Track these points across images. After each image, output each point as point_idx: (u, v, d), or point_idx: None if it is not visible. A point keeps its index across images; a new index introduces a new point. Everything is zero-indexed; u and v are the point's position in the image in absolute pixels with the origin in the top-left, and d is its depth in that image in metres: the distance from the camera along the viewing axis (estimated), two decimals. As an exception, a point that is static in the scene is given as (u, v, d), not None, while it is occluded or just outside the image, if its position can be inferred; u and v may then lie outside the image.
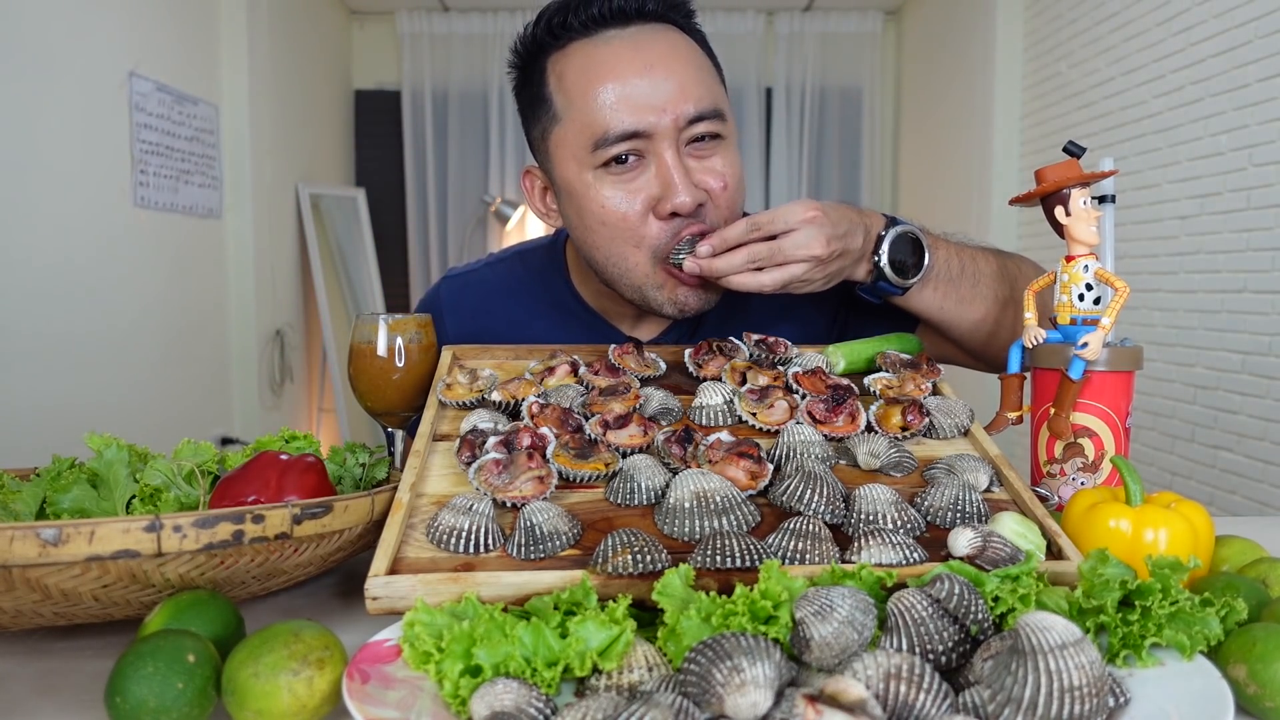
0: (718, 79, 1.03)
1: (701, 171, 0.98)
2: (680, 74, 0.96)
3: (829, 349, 1.00)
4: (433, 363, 0.98)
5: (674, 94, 0.95)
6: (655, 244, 0.99)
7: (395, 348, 0.96)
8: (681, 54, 0.98)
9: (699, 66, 0.99)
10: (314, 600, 0.80)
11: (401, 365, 0.96)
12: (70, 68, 2.43)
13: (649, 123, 0.95)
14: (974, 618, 0.56)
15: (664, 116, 0.95)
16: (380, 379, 0.96)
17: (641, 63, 0.96)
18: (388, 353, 0.96)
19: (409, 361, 0.96)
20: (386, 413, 0.99)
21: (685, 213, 0.97)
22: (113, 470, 0.82)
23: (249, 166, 3.35)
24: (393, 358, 0.96)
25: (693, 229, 0.98)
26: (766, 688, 0.49)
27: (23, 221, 2.26)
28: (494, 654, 0.55)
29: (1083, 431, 0.88)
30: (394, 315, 0.97)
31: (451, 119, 4.54)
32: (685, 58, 0.98)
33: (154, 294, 2.85)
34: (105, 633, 0.71)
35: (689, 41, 1.02)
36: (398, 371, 0.96)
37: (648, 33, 0.98)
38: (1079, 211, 0.88)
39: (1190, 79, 2.47)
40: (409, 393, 0.97)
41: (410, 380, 0.97)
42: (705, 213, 0.99)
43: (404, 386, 0.97)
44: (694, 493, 0.72)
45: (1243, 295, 2.31)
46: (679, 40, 1.00)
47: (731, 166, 1.00)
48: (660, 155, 0.96)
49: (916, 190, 4.41)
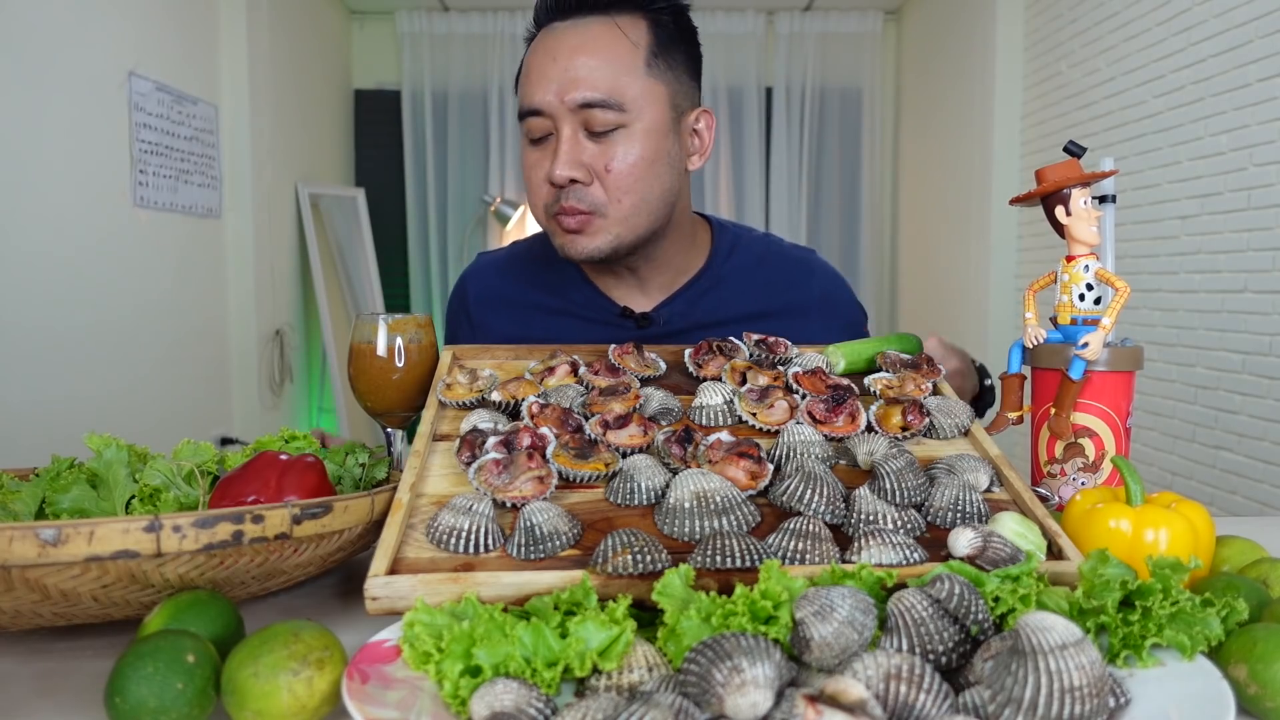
0: (644, 70, 1.09)
1: (593, 154, 1.08)
2: (580, 63, 1.06)
3: (829, 349, 1.00)
4: (432, 363, 0.99)
5: (569, 80, 1.06)
6: (545, 202, 1.12)
7: (395, 348, 0.96)
8: (592, 46, 1.07)
9: (610, 58, 1.07)
10: (314, 600, 0.80)
11: (401, 365, 0.96)
12: (70, 68, 2.43)
13: (545, 101, 1.07)
14: (974, 618, 0.56)
15: (555, 98, 1.07)
16: (380, 379, 0.96)
17: (552, 51, 1.08)
18: (387, 353, 0.96)
19: (409, 361, 0.97)
20: (386, 413, 0.99)
21: (557, 184, 1.08)
22: (112, 470, 0.82)
23: (249, 166, 3.35)
24: (392, 358, 0.96)
25: (567, 204, 1.09)
26: (766, 688, 0.49)
27: (22, 221, 2.26)
28: (494, 654, 0.55)
29: (1083, 431, 0.88)
30: (394, 315, 0.97)
31: (451, 119, 4.54)
32: (595, 49, 1.07)
33: (154, 294, 2.85)
34: (105, 633, 0.71)
35: (618, 35, 1.08)
36: (398, 371, 0.96)
37: (580, 25, 1.09)
38: (1079, 211, 0.88)
39: (1190, 79, 2.47)
40: (409, 392, 0.97)
41: (410, 380, 0.97)
42: (586, 190, 1.09)
43: (404, 386, 0.97)
44: (694, 493, 0.72)
45: (1243, 295, 2.31)
46: (604, 32, 1.08)
47: (623, 153, 1.08)
48: (559, 132, 1.08)
49: (916, 190, 4.41)
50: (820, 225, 4.62)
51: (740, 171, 4.58)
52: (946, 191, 3.99)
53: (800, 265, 1.30)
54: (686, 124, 1.15)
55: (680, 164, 1.15)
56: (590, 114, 1.06)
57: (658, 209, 1.13)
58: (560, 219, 1.11)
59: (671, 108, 1.12)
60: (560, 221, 1.11)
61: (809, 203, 4.59)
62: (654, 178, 1.11)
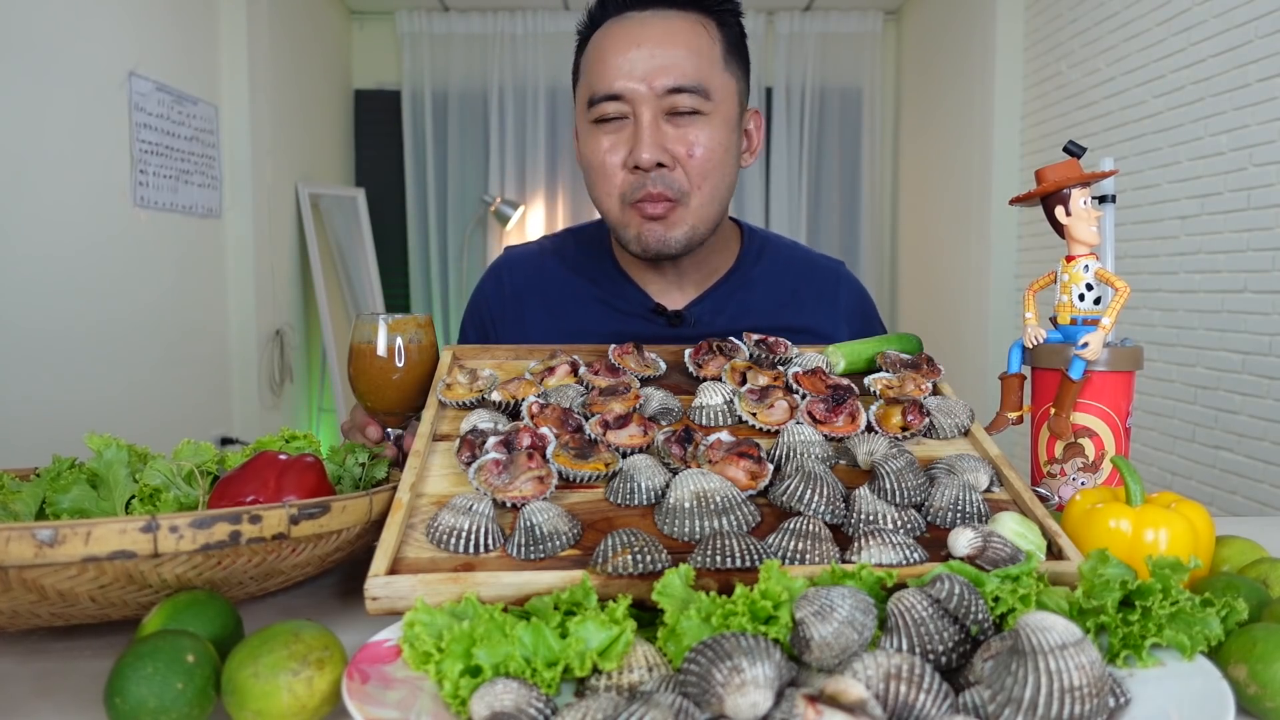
0: (723, 65, 1.13)
1: (675, 136, 1.10)
2: (668, 52, 1.09)
3: (829, 349, 1.00)
4: (432, 363, 0.99)
5: (656, 66, 1.08)
6: (624, 190, 1.12)
7: (395, 348, 0.96)
8: (678, 36, 1.10)
9: (694, 49, 1.10)
10: (313, 600, 0.80)
11: (401, 365, 0.96)
12: (70, 68, 2.43)
13: (630, 87, 1.09)
14: (974, 618, 0.56)
15: (643, 84, 1.08)
16: (380, 379, 0.96)
17: (636, 38, 1.10)
18: (387, 353, 0.96)
19: (409, 361, 0.97)
20: (387, 412, 0.99)
21: (645, 167, 1.09)
22: (112, 470, 0.81)
23: (249, 166, 3.35)
24: (392, 358, 0.96)
25: (655, 190, 1.09)
26: (766, 688, 0.49)
27: (23, 221, 2.26)
28: (494, 654, 0.55)
29: (1083, 431, 0.88)
30: (394, 315, 0.98)
31: (451, 119, 4.54)
32: (681, 40, 1.10)
33: (154, 294, 2.85)
34: (103, 633, 0.71)
35: (701, 29, 1.12)
36: (397, 371, 0.96)
37: (660, 17, 1.11)
38: (1079, 211, 0.88)
39: (1190, 79, 2.47)
40: (409, 392, 0.97)
41: (410, 380, 0.97)
42: (671, 174, 1.10)
43: (404, 386, 0.97)
44: (694, 493, 0.72)
45: (1243, 295, 2.30)
46: (687, 26, 1.11)
47: (706, 139, 1.10)
48: (640, 116, 1.09)
49: (917, 190, 4.41)
50: (820, 225, 4.62)
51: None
52: (946, 191, 3.99)
53: (829, 276, 1.31)
54: (744, 123, 1.19)
55: (739, 161, 1.19)
56: (676, 99, 1.08)
57: (725, 202, 1.16)
58: (642, 206, 1.11)
59: (739, 104, 1.16)
60: (641, 209, 1.11)
61: (809, 203, 4.59)
62: (727, 168, 1.14)
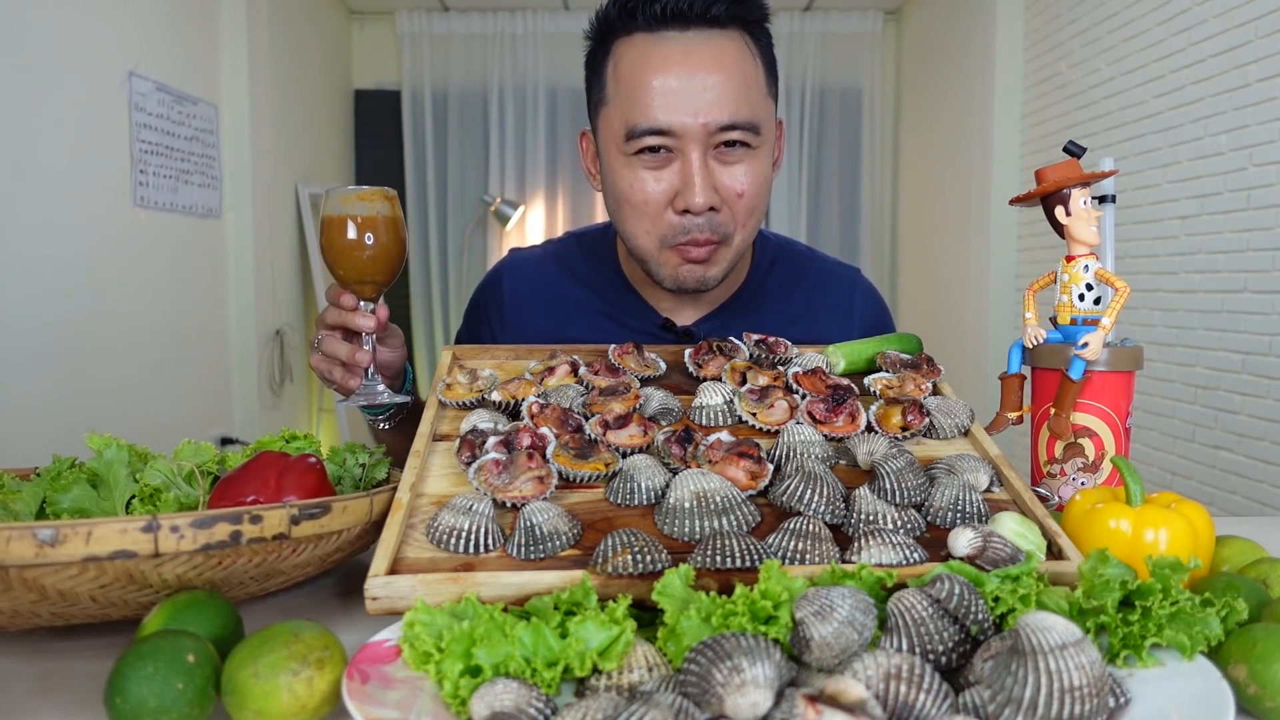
0: (766, 91, 1.07)
1: (724, 176, 1.03)
2: (721, 83, 1.00)
3: (829, 349, 1.00)
4: (400, 236, 0.99)
5: (710, 101, 1.00)
6: (665, 233, 1.06)
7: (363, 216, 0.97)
8: (729, 63, 1.01)
9: (744, 78, 1.03)
10: (313, 600, 0.80)
11: (371, 234, 0.97)
12: (70, 68, 2.43)
13: (681, 123, 1.00)
14: (974, 618, 0.56)
15: (695, 119, 1.00)
16: (350, 247, 0.97)
17: (686, 67, 1.00)
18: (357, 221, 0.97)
19: (376, 230, 0.97)
20: (358, 282, 0.99)
21: (697, 212, 1.03)
22: (113, 470, 0.82)
23: (249, 166, 3.35)
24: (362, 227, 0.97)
25: (701, 236, 1.04)
26: (766, 688, 0.49)
27: (22, 221, 2.26)
28: (494, 654, 0.55)
29: (1083, 431, 0.88)
30: (361, 187, 0.99)
31: (451, 119, 4.54)
32: (732, 68, 1.01)
33: (154, 294, 2.85)
34: (104, 633, 0.71)
35: (745, 51, 1.04)
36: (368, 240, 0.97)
37: (703, 38, 1.02)
38: (1079, 211, 0.88)
39: (1190, 79, 2.47)
40: (379, 261, 0.98)
41: (379, 249, 0.98)
42: (718, 217, 1.05)
43: (374, 254, 0.98)
44: (694, 493, 0.72)
45: (1243, 295, 2.30)
46: (733, 49, 1.03)
47: (754, 177, 1.05)
48: (688, 154, 1.02)
49: (916, 190, 4.41)
50: (820, 225, 4.62)
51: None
52: (946, 191, 3.99)
53: (844, 285, 1.27)
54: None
55: None
56: (728, 136, 1.01)
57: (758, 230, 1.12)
58: (685, 250, 1.05)
59: (777, 125, 1.11)
60: (685, 252, 1.06)
61: (809, 203, 4.59)
62: (767, 198, 1.09)
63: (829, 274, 1.28)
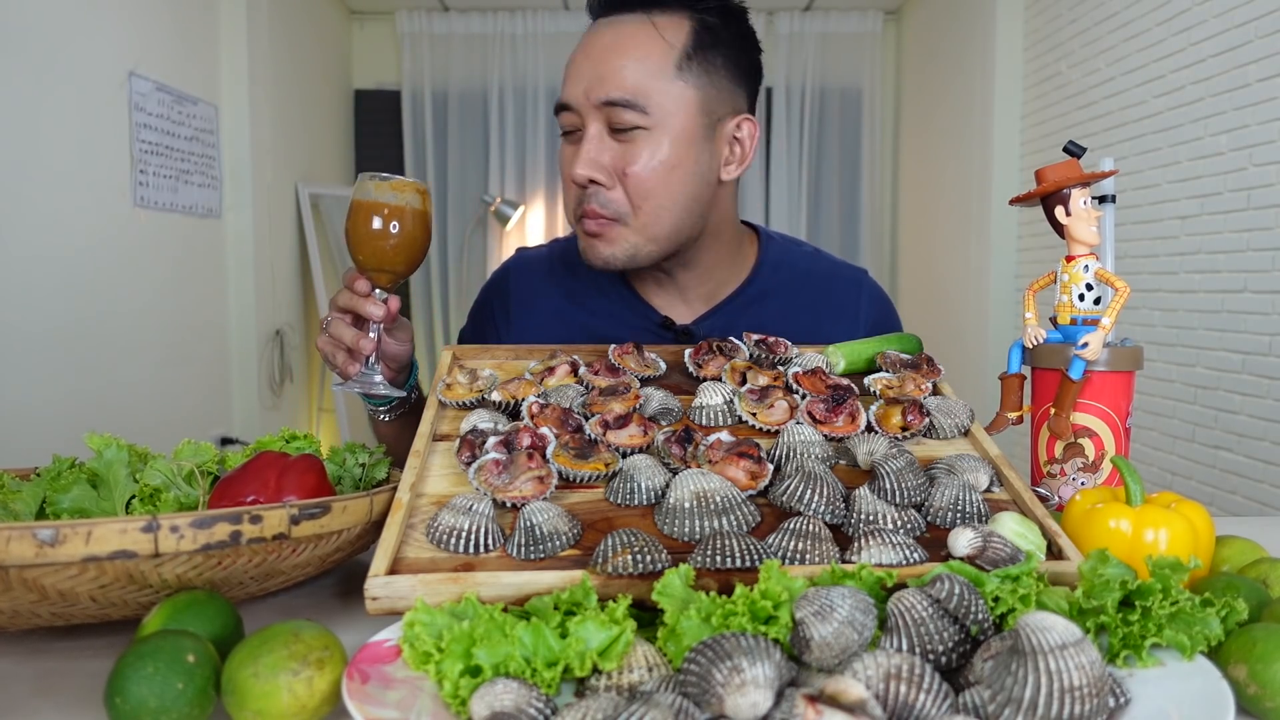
0: (670, 75, 1.06)
1: (615, 153, 1.07)
2: (608, 61, 1.06)
3: (829, 349, 1.00)
4: (426, 230, 0.99)
5: (595, 77, 1.06)
6: (573, 206, 1.12)
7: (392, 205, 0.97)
8: (624, 44, 1.06)
9: (636, 57, 1.05)
10: (313, 600, 0.80)
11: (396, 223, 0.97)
12: (70, 68, 2.43)
13: (572, 97, 1.08)
14: (974, 618, 0.56)
15: (583, 94, 1.07)
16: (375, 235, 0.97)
17: (588, 48, 1.09)
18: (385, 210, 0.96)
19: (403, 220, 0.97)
20: (377, 269, 0.99)
21: (577, 183, 1.08)
22: (113, 470, 0.82)
23: (249, 166, 3.35)
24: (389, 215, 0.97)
25: (590, 208, 1.08)
26: (766, 688, 0.49)
27: (23, 221, 2.26)
28: (494, 654, 0.55)
29: (1083, 431, 0.88)
30: (395, 176, 0.99)
31: (451, 119, 4.54)
32: (626, 48, 1.06)
33: (154, 294, 2.85)
34: (104, 633, 0.71)
35: (652, 35, 1.06)
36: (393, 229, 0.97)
37: (618, 23, 1.08)
38: (1079, 211, 0.88)
39: (1190, 79, 2.47)
40: (402, 251, 0.98)
41: (403, 239, 0.97)
42: (609, 194, 1.07)
43: (397, 244, 0.97)
44: (694, 493, 0.72)
45: (1243, 295, 2.31)
46: (638, 32, 1.07)
47: (645, 158, 1.06)
48: (586, 130, 1.07)
49: (916, 190, 4.41)
50: (820, 225, 4.62)
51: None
52: (946, 191, 3.99)
53: (850, 287, 1.26)
54: (724, 131, 1.11)
55: (711, 173, 1.11)
56: (613, 112, 1.05)
57: (681, 218, 1.10)
58: (584, 222, 1.09)
59: (703, 113, 1.08)
60: (583, 225, 1.10)
61: (809, 203, 4.59)
62: (676, 184, 1.07)
63: (835, 275, 1.27)
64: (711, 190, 1.12)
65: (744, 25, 1.14)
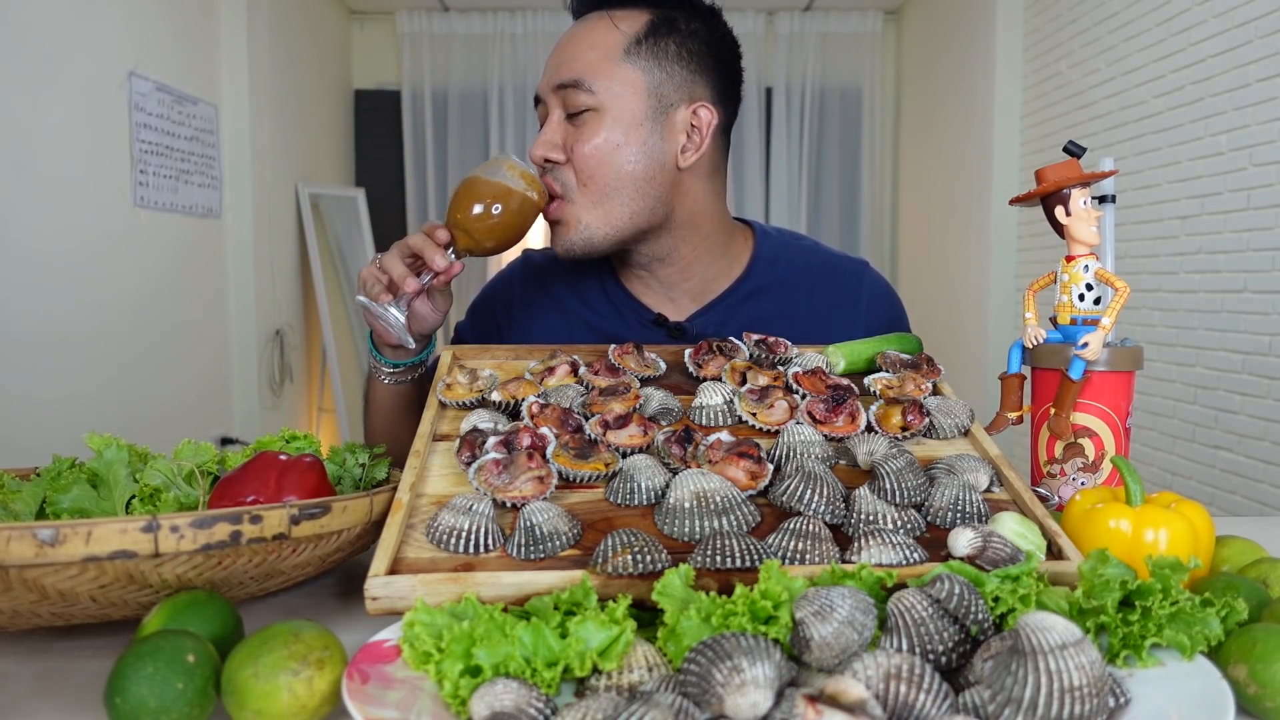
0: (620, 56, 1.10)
1: (568, 134, 1.11)
2: (567, 50, 1.12)
3: (829, 349, 1.00)
4: (525, 225, 1.05)
5: (553, 66, 1.13)
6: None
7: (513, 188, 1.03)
8: (582, 35, 1.12)
9: (590, 43, 1.11)
10: (313, 600, 0.80)
11: (507, 203, 1.03)
12: (70, 68, 2.43)
13: (540, 88, 1.14)
14: (974, 618, 0.56)
15: (545, 85, 1.13)
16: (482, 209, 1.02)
17: (555, 46, 1.15)
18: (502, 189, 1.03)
19: (513, 203, 1.03)
20: (464, 229, 1.03)
21: (536, 162, 1.11)
22: (113, 470, 0.81)
23: (249, 166, 3.35)
24: (507, 194, 1.03)
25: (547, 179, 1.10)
26: (766, 688, 0.49)
27: (23, 221, 2.26)
28: (494, 654, 0.55)
29: (1083, 431, 0.88)
30: (524, 163, 1.06)
31: (451, 119, 4.54)
32: (582, 39, 1.12)
33: (154, 294, 2.85)
34: (104, 633, 0.71)
35: (606, 24, 1.11)
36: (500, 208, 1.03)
37: (583, 22, 1.14)
38: (1079, 211, 0.88)
39: (1190, 79, 2.47)
40: (495, 230, 1.03)
41: (504, 219, 1.03)
42: (560, 169, 1.11)
43: (498, 222, 1.03)
44: (694, 493, 0.72)
45: (1243, 295, 2.31)
46: (596, 23, 1.12)
47: (593, 140, 1.09)
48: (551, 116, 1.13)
49: (916, 190, 4.41)
50: (820, 225, 4.62)
51: (740, 171, 4.58)
52: (946, 191, 3.99)
53: (850, 280, 1.24)
54: (677, 117, 1.11)
55: (665, 156, 1.10)
56: (567, 95, 1.09)
57: (634, 200, 1.10)
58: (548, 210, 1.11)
59: (651, 96, 1.09)
60: (547, 213, 1.12)
61: (809, 203, 4.59)
62: (622, 163, 1.08)
63: (834, 268, 1.25)
64: (669, 176, 1.12)
65: (711, 21, 1.15)
